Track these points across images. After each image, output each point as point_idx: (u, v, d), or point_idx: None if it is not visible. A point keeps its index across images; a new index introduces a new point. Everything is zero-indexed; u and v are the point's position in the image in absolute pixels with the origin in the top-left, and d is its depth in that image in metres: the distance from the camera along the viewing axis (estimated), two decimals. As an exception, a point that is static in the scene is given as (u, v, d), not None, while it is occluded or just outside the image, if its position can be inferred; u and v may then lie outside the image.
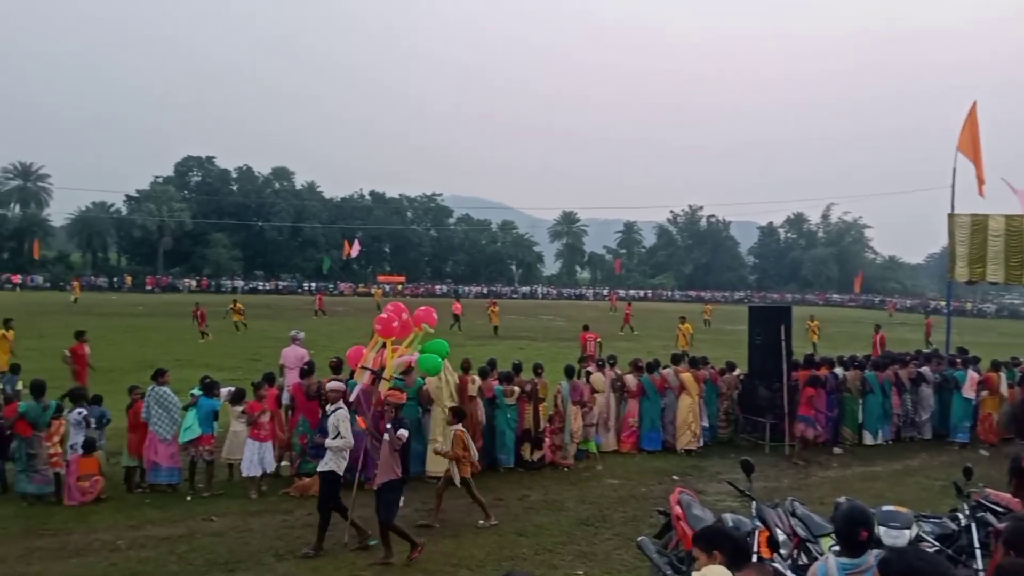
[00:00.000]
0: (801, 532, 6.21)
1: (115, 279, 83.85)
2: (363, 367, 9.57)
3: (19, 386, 11.67)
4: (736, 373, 14.74)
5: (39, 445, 9.72)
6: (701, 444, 13.33)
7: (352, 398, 9.37)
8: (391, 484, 7.99)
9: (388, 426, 8.10)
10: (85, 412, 10.26)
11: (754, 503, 6.30)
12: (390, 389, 9.00)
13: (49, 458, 9.84)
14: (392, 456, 7.99)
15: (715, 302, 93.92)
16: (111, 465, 10.73)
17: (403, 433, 8.00)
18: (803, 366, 14.27)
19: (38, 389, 10.10)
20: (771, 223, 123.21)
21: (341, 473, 8.39)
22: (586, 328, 22.59)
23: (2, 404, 10.21)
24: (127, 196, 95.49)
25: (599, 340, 22.30)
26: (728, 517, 6.45)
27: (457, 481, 9.19)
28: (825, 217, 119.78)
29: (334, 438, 8.29)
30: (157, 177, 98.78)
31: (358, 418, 9.33)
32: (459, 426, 9.45)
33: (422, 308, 10.08)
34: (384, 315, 9.55)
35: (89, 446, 9.93)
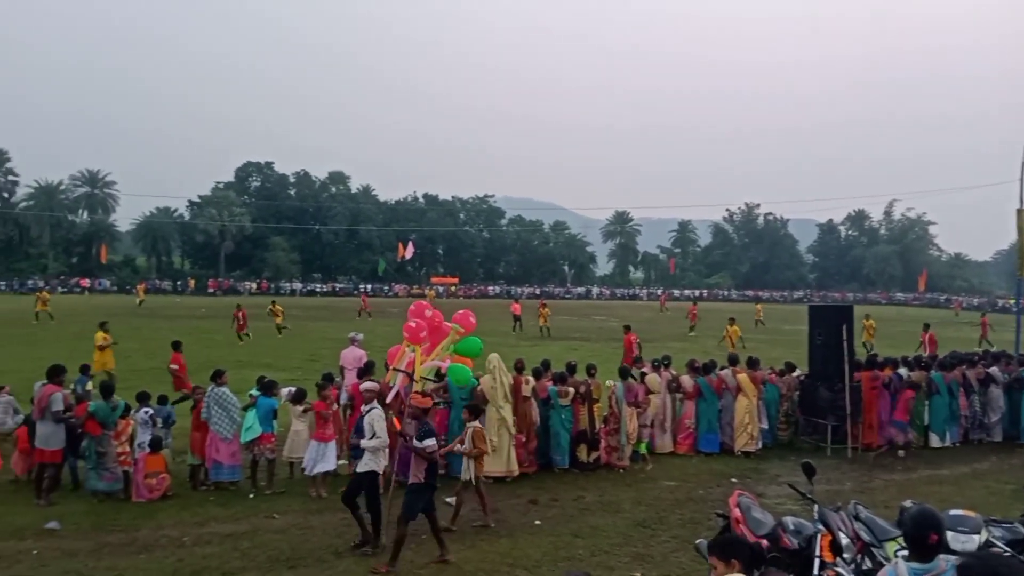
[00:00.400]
0: (865, 536, 6.06)
1: (179, 282, 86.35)
2: (396, 368, 9.65)
3: (88, 386, 12.06)
4: (796, 374, 14.46)
5: (108, 444, 10.05)
6: (760, 446, 13.10)
7: (389, 399, 9.41)
8: (413, 487, 7.95)
9: (407, 430, 8.12)
10: (151, 412, 10.59)
11: (816, 506, 6.17)
12: (415, 392, 8.92)
13: (118, 456, 10.17)
14: (417, 461, 7.94)
15: (773, 301, 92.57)
16: (177, 463, 11.04)
17: (429, 443, 7.82)
18: (866, 366, 13.93)
19: (107, 390, 10.46)
20: (831, 220, 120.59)
21: (380, 472, 8.44)
22: (628, 329, 22.48)
23: (73, 403, 10.57)
24: (190, 202, 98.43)
25: (638, 341, 22.23)
26: (789, 520, 6.33)
27: (471, 477, 9.11)
28: (888, 214, 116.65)
29: (370, 438, 8.31)
30: (218, 183, 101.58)
31: (394, 419, 9.35)
32: (476, 423, 9.37)
33: (460, 311, 10.11)
34: (412, 323, 9.55)
35: (156, 444, 10.24)
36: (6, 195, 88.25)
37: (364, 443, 8.33)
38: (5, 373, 17.10)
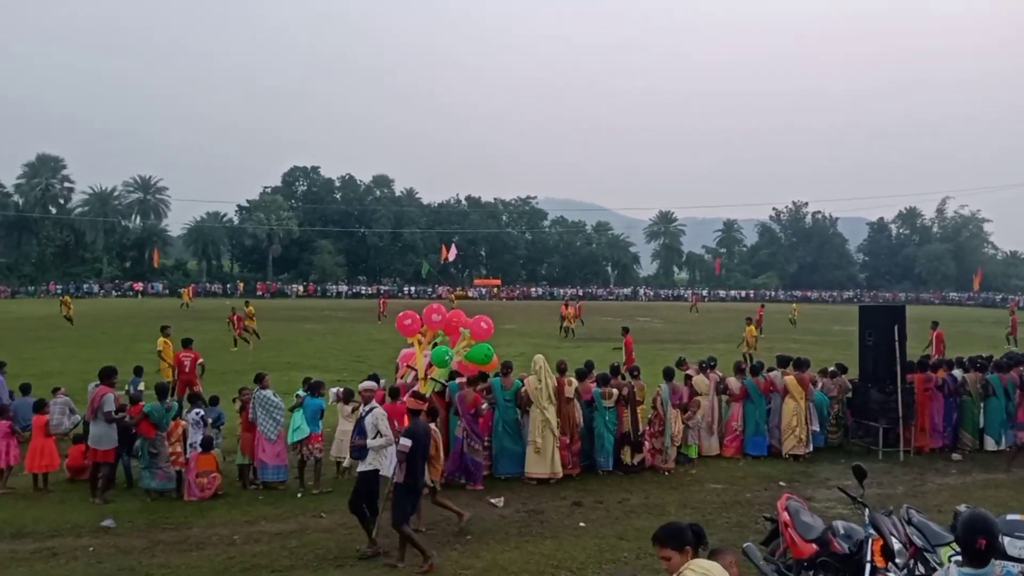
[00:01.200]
0: (918, 541, 5.92)
1: (228, 285, 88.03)
2: (409, 366, 9.75)
3: (141, 387, 12.36)
4: (846, 376, 14.19)
5: (161, 444, 10.29)
6: (810, 449, 12.86)
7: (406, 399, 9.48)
8: (396, 488, 8.01)
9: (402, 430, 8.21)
10: (203, 412, 10.83)
11: (867, 510, 6.06)
12: (410, 396, 8.91)
13: (170, 456, 10.42)
14: (398, 463, 8.01)
15: (822, 302, 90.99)
16: (227, 463, 11.27)
17: (404, 443, 7.89)
18: (918, 368, 13.61)
19: (162, 391, 10.73)
20: (882, 219, 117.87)
21: (384, 472, 8.41)
22: (626, 331, 22.40)
23: (126, 404, 10.85)
24: (238, 206, 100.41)
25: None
26: (839, 524, 6.23)
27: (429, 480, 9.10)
28: (940, 211, 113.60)
29: (374, 437, 8.29)
30: (266, 187, 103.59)
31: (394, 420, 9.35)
32: (431, 426, 9.40)
33: (475, 316, 10.26)
34: (407, 321, 9.82)
35: (207, 444, 10.46)
36: (62, 201, 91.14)
37: (370, 443, 8.29)
38: (60, 374, 17.67)
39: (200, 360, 15.30)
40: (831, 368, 14.65)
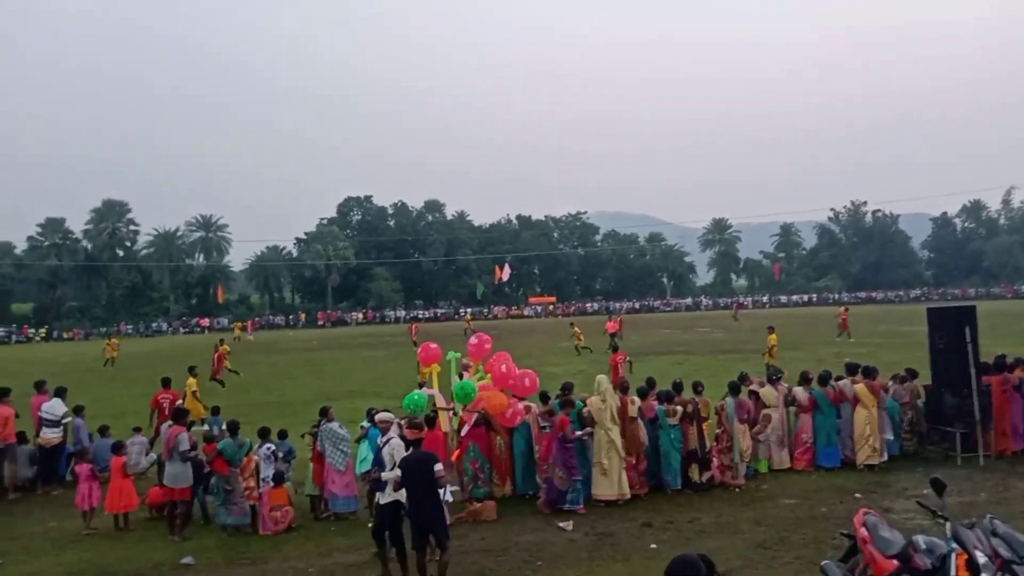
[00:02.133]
0: (1004, 553, 5.70)
1: (290, 316, 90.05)
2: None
3: (224, 426, 12.66)
4: (917, 380, 13.77)
5: (235, 480, 10.55)
6: (885, 458, 12.49)
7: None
8: (379, 508, 8.25)
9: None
10: (273, 447, 11.06)
11: (949, 523, 5.87)
12: (407, 424, 9.09)
13: (244, 491, 10.67)
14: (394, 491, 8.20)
15: (888, 302, 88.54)
16: (298, 496, 11.47)
17: (395, 474, 8.01)
18: (994, 369, 13.13)
19: (234, 428, 11.01)
20: (945, 213, 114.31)
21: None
22: (616, 349, 22.18)
23: (199, 442, 11.15)
24: (296, 239, 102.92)
25: (629, 359, 22.06)
26: (920, 539, 6.04)
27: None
28: (1006, 202, 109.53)
29: (391, 469, 8.26)
30: (322, 219, 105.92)
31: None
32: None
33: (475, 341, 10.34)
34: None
35: (279, 478, 10.67)
36: (128, 244, 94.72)
37: (386, 475, 8.29)
38: (136, 413, 18.20)
39: (179, 402, 15.34)
40: (901, 373, 14.24)
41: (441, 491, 10.11)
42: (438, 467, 7.89)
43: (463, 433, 11.30)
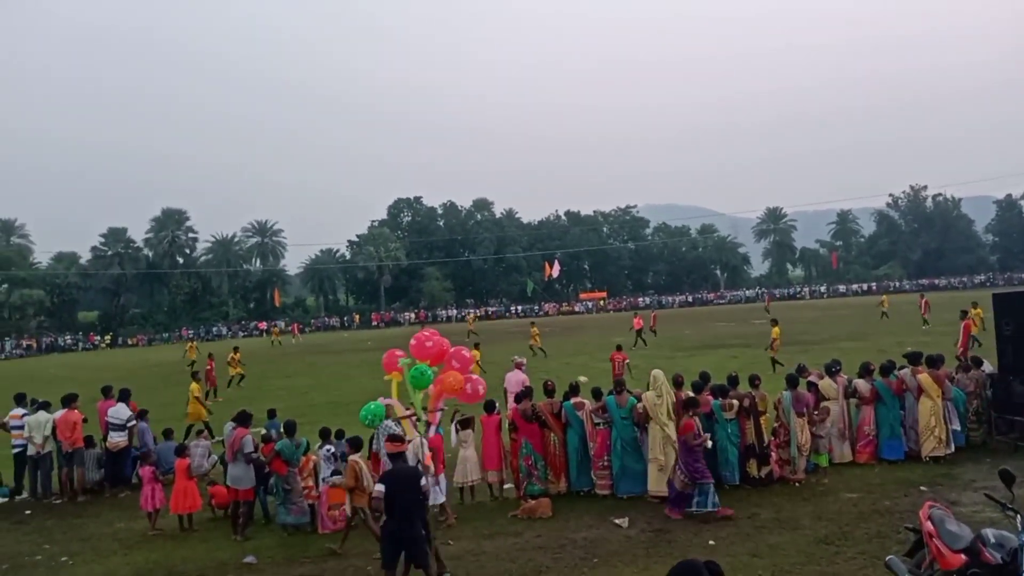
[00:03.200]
0: (1077, 546, 5.48)
1: (345, 318, 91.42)
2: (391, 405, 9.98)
3: (281, 428, 12.91)
4: (984, 368, 13.32)
5: (294, 480, 10.75)
6: (951, 449, 12.09)
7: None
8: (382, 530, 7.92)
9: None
10: (332, 448, 11.22)
11: (1019, 516, 5.66)
12: (387, 439, 8.70)
13: (303, 491, 10.85)
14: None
15: (952, 289, 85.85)
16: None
17: (378, 489, 7.52)
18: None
19: (290, 429, 11.20)
20: (1010, 195, 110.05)
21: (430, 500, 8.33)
22: (619, 348, 21.70)
23: (260, 443, 11.38)
24: (349, 241, 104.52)
25: (627, 361, 21.59)
26: (989, 532, 5.84)
27: (348, 511, 9.47)
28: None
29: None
30: (373, 221, 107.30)
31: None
32: (356, 456, 9.57)
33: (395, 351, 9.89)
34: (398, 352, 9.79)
35: (337, 478, 10.83)
36: (188, 251, 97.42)
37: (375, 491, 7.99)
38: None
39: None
40: (966, 361, 13.78)
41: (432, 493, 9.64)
42: (423, 482, 7.87)
43: (430, 435, 9.88)
